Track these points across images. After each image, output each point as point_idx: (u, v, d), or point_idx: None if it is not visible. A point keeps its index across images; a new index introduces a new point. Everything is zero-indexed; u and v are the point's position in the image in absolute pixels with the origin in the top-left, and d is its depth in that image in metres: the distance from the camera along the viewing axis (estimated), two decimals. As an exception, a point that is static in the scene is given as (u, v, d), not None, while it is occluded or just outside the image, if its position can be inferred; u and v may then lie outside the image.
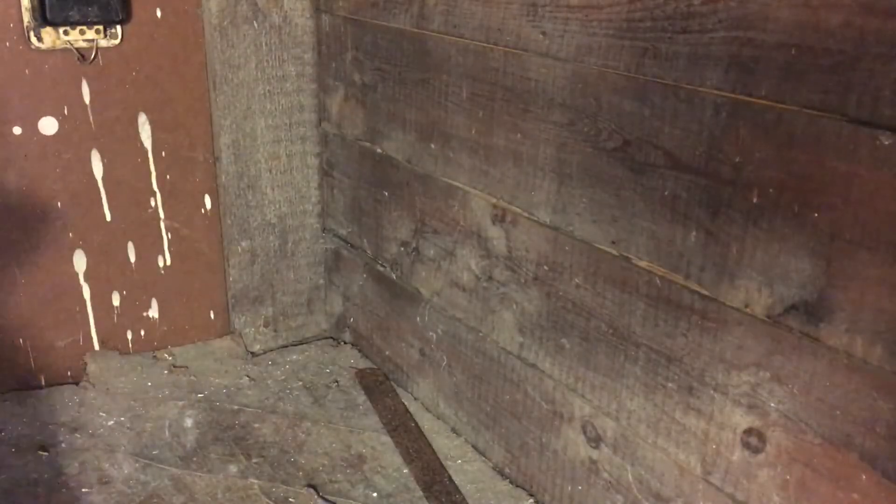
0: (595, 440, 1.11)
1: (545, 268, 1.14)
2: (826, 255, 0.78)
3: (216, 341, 1.70)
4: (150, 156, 1.55)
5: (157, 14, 1.49)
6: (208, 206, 1.62)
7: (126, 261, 1.58)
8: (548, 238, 1.12)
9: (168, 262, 1.62)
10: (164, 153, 1.56)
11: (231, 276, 1.65)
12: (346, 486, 1.29)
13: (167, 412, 1.47)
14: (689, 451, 0.97)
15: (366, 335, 1.65)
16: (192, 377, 1.58)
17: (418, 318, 1.46)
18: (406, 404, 1.50)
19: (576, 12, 1.01)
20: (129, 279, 1.59)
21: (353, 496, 1.27)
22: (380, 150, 1.47)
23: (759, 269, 0.85)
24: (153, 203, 1.57)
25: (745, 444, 0.90)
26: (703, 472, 0.96)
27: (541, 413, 1.21)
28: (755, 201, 0.84)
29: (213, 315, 1.69)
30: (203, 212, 1.62)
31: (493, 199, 1.21)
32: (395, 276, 1.51)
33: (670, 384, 0.98)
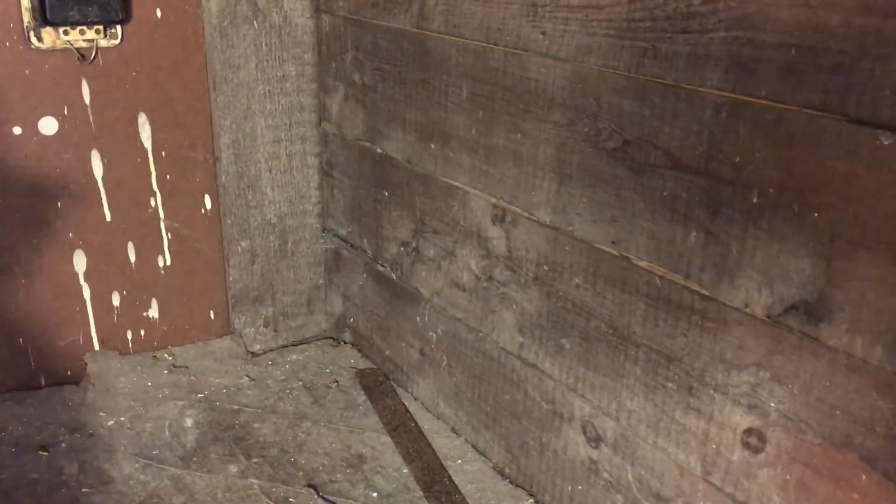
0: (595, 440, 1.11)
1: (545, 268, 1.14)
2: (826, 255, 0.78)
3: (216, 341, 1.70)
4: (150, 156, 1.55)
5: (157, 14, 1.49)
6: (208, 206, 1.62)
7: (126, 261, 1.58)
8: (548, 238, 1.12)
9: (168, 262, 1.62)
10: (164, 153, 1.56)
11: (231, 276, 1.65)
12: (346, 486, 1.29)
13: (167, 412, 1.47)
14: (689, 451, 0.97)
15: (366, 335, 1.65)
16: (192, 377, 1.58)
17: (418, 318, 1.46)
18: (406, 404, 1.50)
19: (576, 12, 1.01)
20: (129, 279, 1.59)
21: (353, 496, 1.27)
22: (380, 150, 1.47)
23: (759, 269, 0.85)
24: (153, 203, 1.57)
25: (745, 444, 0.90)
26: (703, 472, 0.96)
27: (541, 413, 1.21)
28: (755, 201, 0.84)
29: (213, 315, 1.69)
30: (203, 212, 1.62)
31: (493, 199, 1.21)
32: (395, 276, 1.51)
33: (670, 384, 0.98)
